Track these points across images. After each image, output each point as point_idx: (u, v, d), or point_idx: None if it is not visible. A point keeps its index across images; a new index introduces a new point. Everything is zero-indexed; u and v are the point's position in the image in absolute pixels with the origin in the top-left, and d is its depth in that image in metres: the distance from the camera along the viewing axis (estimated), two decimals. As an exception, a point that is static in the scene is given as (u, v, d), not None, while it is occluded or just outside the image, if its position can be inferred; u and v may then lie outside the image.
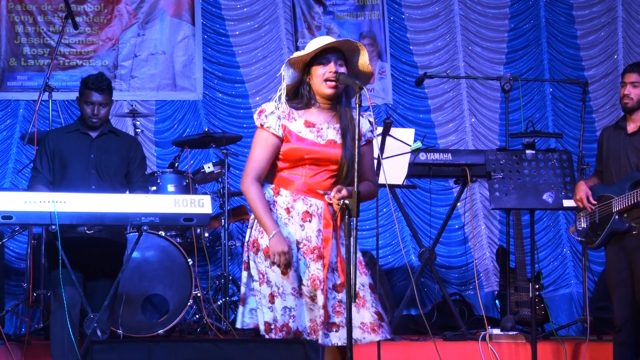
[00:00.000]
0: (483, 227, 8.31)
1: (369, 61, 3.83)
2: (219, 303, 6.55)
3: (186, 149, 7.06)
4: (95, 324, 4.62)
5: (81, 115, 5.09)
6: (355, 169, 3.54)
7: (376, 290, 3.83)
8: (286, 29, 8.35)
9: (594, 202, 5.18)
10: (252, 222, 3.83)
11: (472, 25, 8.56)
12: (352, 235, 3.51)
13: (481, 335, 5.79)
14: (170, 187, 6.46)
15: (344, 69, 3.75)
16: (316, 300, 3.69)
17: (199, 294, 6.27)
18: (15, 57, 7.97)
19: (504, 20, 8.62)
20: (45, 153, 5.02)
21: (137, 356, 3.49)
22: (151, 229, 5.98)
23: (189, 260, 6.11)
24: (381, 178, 4.88)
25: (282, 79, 3.80)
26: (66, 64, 8.02)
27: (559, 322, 7.60)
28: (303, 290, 3.71)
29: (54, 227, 4.28)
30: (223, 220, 6.72)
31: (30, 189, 4.97)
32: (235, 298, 6.84)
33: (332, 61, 3.73)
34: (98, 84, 5.00)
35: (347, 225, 3.53)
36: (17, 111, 7.94)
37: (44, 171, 5.00)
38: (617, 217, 5.05)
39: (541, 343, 5.79)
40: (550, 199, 5.57)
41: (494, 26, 8.60)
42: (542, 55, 8.61)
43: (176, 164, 6.86)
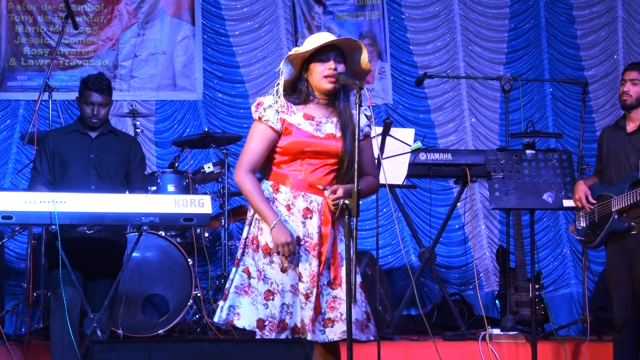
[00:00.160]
0: (483, 227, 8.31)
1: (368, 59, 3.84)
2: (219, 303, 6.54)
3: (186, 149, 7.06)
4: (95, 324, 4.61)
5: (81, 115, 5.09)
6: (355, 168, 3.54)
7: (367, 290, 3.84)
8: (286, 29, 8.34)
9: (593, 202, 5.18)
10: (251, 219, 3.82)
11: (472, 25, 8.55)
12: (352, 235, 3.51)
13: (481, 335, 5.79)
14: (170, 187, 6.46)
15: (342, 67, 3.77)
16: (310, 299, 3.69)
17: (199, 294, 6.27)
18: (15, 57, 7.97)
19: (504, 20, 8.62)
20: (45, 153, 5.01)
21: (137, 356, 3.49)
22: (151, 229, 5.98)
23: (189, 260, 6.11)
24: (381, 178, 4.88)
25: (280, 74, 3.81)
26: (66, 64, 8.02)
27: (559, 322, 7.60)
28: (299, 288, 3.70)
29: (54, 227, 4.28)
30: (223, 220, 6.71)
31: (30, 189, 4.96)
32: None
33: (331, 59, 3.74)
34: (98, 84, 4.99)
35: (347, 225, 3.52)
36: (17, 111, 7.93)
37: (43, 171, 4.99)
38: (616, 216, 5.05)
39: (541, 343, 5.79)
40: (550, 199, 5.57)
41: (494, 26, 8.60)
42: (542, 55, 8.61)
43: (176, 164, 6.86)
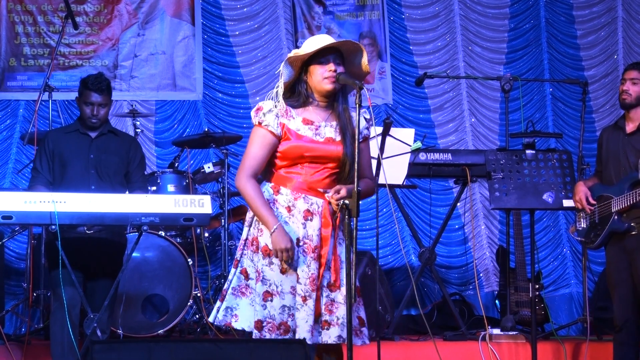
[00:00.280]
0: (483, 227, 8.31)
1: (367, 62, 3.84)
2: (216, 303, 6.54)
3: (186, 149, 7.06)
4: (95, 324, 4.61)
5: (80, 115, 5.09)
6: (355, 168, 3.54)
7: (360, 294, 3.82)
8: (286, 29, 8.34)
9: (593, 203, 5.18)
10: (250, 220, 3.82)
11: (472, 25, 8.55)
12: (352, 236, 3.51)
13: (481, 335, 5.79)
14: (170, 187, 6.46)
15: (341, 69, 3.77)
16: (307, 302, 3.68)
17: (199, 294, 6.27)
18: (15, 57, 7.97)
19: (504, 20, 8.62)
20: (45, 153, 5.01)
21: (137, 356, 3.48)
22: (151, 229, 5.98)
23: (189, 260, 6.11)
24: (381, 178, 4.88)
25: (280, 76, 3.81)
26: (66, 64, 8.02)
27: (559, 322, 7.60)
28: (297, 290, 3.70)
29: (54, 227, 4.28)
30: (223, 220, 6.71)
31: (30, 189, 4.96)
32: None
33: (330, 61, 3.75)
34: (97, 84, 4.99)
35: (347, 225, 3.53)
36: (17, 111, 7.93)
37: (43, 171, 4.99)
38: (616, 217, 5.04)
39: (541, 343, 5.79)
40: (550, 199, 5.57)
41: (494, 26, 8.60)
42: (542, 55, 8.61)
43: (176, 164, 6.86)
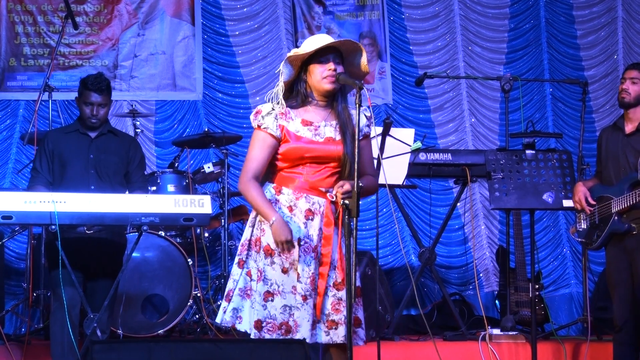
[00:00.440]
0: (483, 227, 8.31)
1: (367, 62, 3.84)
2: (218, 303, 6.54)
3: (186, 149, 7.06)
4: (95, 324, 4.61)
5: (80, 115, 5.09)
6: (355, 168, 3.55)
7: (361, 294, 3.81)
8: (286, 29, 8.35)
9: (593, 203, 5.18)
10: (253, 220, 3.82)
11: (472, 25, 8.55)
12: (352, 236, 3.51)
13: (481, 336, 5.79)
14: (170, 187, 6.46)
15: (340, 68, 3.78)
16: (308, 301, 3.68)
17: (198, 294, 6.27)
18: (15, 57, 7.97)
19: (504, 20, 8.62)
20: (45, 153, 5.01)
21: (137, 356, 3.48)
22: (151, 229, 5.98)
23: (189, 260, 6.11)
24: (381, 178, 4.88)
25: (280, 75, 3.82)
26: (66, 64, 8.02)
27: (559, 322, 7.60)
28: (298, 288, 3.69)
29: (53, 227, 4.28)
30: (223, 220, 6.71)
31: (30, 189, 4.95)
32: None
33: (330, 60, 3.75)
34: (97, 84, 4.99)
35: (347, 225, 3.53)
36: (17, 111, 7.93)
37: (43, 172, 4.99)
38: (616, 217, 5.04)
39: (541, 343, 5.79)
40: (550, 199, 5.57)
41: (493, 26, 8.60)
42: (542, 55, 8.61)
43: (176, 164, 6.86)
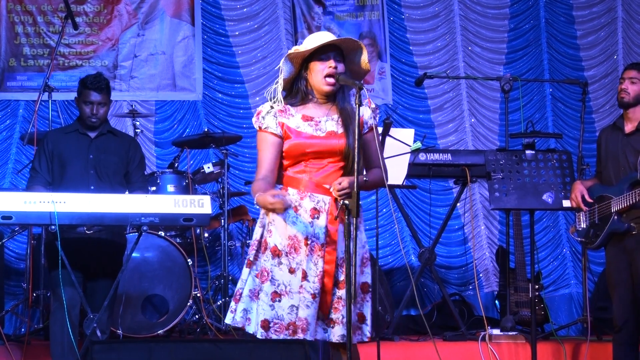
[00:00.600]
0: (483, 228, 8.31)
1: (368, 60, 3.84)
2: (218, 303, 6.55)
3: (186, 149, 7.06)
4: (95, 324, 4.62)
5: (80, 115, 5.09)
6: (355, 169, 3.54)
7: (369, 290, 3.81)
8: (286, 29, 8.35)
9: (590, 201, 5.18)
10: (263, 220, 3.82)
11: (471, 26, 8.56)
12: (352, 236, 3.51)
13: (481, 336, 5.79)
14: (170, 188, 6.46)
15: (341, 66, 3.77)
16: (317, 299, 3.68)
17: (198, 294, 6.27)
18: (15, 57, 7.97)
19: (504, 20, 8.62)
20: (44, 154, 5.01)
21: (137, 356, 3.49)
22: (151, 229, 5.98)
23: (189, 260, 6.11)
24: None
25: (280, 72, 3.81)
26: (66, 64, 8.02)
27: (558, 322, 7.60)
28: (306, 287, 3.68)
29: (53, 227, 4.28)
30: (223, 221, 6.71)
31: (29, 189, 4.95)
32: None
33: (331, 58, 3.75)
34: (97, 83, 4.99)
35: (347, 225, 3.53)
36: (17, 111, 7.93)
37: (42, 172, 4.99)
38: (616, 217, 5.05)
39: (541, 343, 5.79)
40: (550, 199, 5.57)
41: (493, 26, 8.60)
42: (542, 55, 8.62)
43: (176, 164, 6.86)
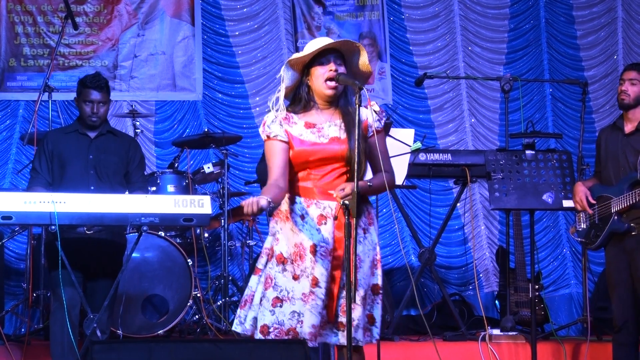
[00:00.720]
0: (483, 228, 8.31)
1: (368, 61, 3.83)
2: (218, 303, 6.55)
3: (186, 149, 7.06)
4: (95, 324, 4.62)
5: (80, 115, 5.09)
6: (355, 169, 3.54)
7: (380, 292, 3.80)
8: (286, 29, 8.35)
9: (593, 203, 5.18)
10: (272, 230, 3.82)
11: (471, 26, 8.56)
12: (351, 236, 3.51)
13: (481, 336, 5.79)
14: (170, 188, 6.46)
15: (342, 69, 3.75)
16: (327, 303, 3.68)
17: (198, 295, 6.27)
18: (15, 57, 7.97)
19: (504, 20, 8.62)
20: (44, 154, 5.01)
21: (137, 356, 3.48)
22: (151, 230, 5.98)
23: (189, 260, 6.11)
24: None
25: (282, 80, 3.80)
26: (66, 64, 8.02)
27: (558, 322, 7.60)
28: (317, 293, 3.66)
29: (53, 227, 4.28)
30: (223, 221, 6.71)
31: (29, 190, 4.95)
32: (235, 298, 6.83)
33: (331, 61, 3.73)
34: (96, 82, 5.00)
35: (347, 225, 3.53)
36: (17, 111, 7.94)
37: (42, 172, 4.99)
38: (616, 217, 5.04)
39: (541, 343, 5.79)
40: (550, 200, 5.57)
41: (493, 26, 8.60)
42: (542, 55, 8.62)
43: (176, 165, 6.86)
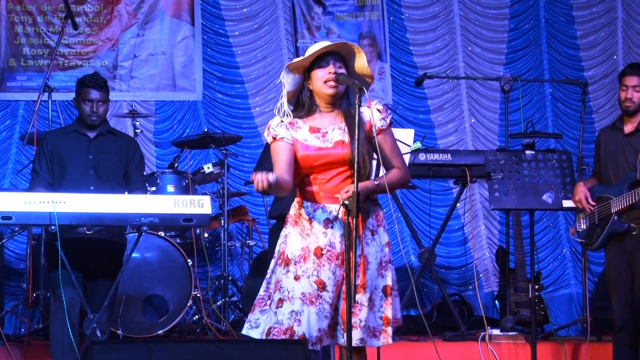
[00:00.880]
0: (483, 228, 8.31)
1: (367, 63, 3.83)
2: (218, 303, 6.55)
3: (186, 149, 7.06)
4: (95, 325, 4.62)
5: (79, 115, 5.09)
6: (355, 169, 3.55)
7: (391, 292, 3.78)
8: (286, 30, 8.34)
9: (593, 203, 5.18)
10: (283, 233, 3.82)
11: (471, 26, 8.56)
12: (351, 236, 3.51)
13: (481, 336, 5.79)
14: (170, 188, 6.46)
15: (343, 71, 3.75)
16: (334, 307, 3.67)
17: (198, 295, 6.27)
18: (15, 57, 7.97)
19: (504, 20, 8.62)
20: (44, 154, 5.01)
21: (137, 356, 3.48)
22: (151, 230, 5.98)
23: (189, 260, 6.11)
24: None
25: (283, 86, 3.80)
26: (66, 65, 8.02)
27: (558, 322, 7.60)
28: (325, 297, 3.66)
29: (53, 227, 4.28)
30: (223, 221, 6.71)
31: (30, 191, 4.95)
32: (235, 298, 6.84)
33: (330, 63, 3.74)
34: (95, 81, 5.00)
35: (347, 225, 3.53)
36: (17, 112, 7.93)
37: (43, 173, 4.99)
38: (616, 217, 5.05)
39: (541, 343, 5.79)
40: (549, 200, 5.57)
41: (493, 27, 8.60)
42: (542, 55, 8.61)
43: (176, 165, 6.86)
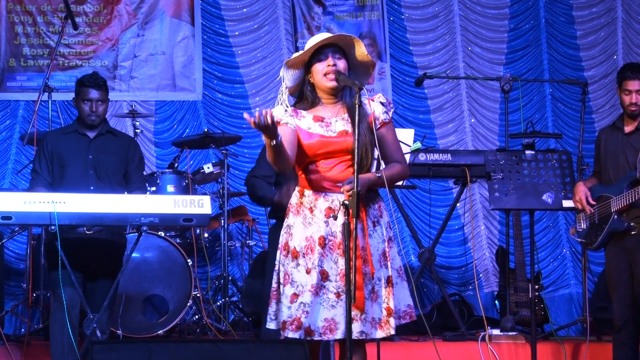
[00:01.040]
0: (483, 228, 8.31)
1: (366, 51, 3.84)
2: (218, 303, 6.55)
3: (186, 149, 7.06)
4: (95, 325, 4.62)
5: (79, 115, 5.09)
6: (355, 168, 3.55)
7: (395, 283, 3.78)
8: (286, 30, 8.34)
9: (593, 203, 5.18)
10: (285, 224, 3.82)
11: (471, 26, 8.55)
12: (351, 236, 3.51)
13: (481, 336, 5.79)
14: (170, 188, 6.46)
15: (342, 62, 3.78)
16: (342, 297, 3.67)
17: (198, 295, 6.27)
18: (15, 57, 7.97)
19: (504, 20, 8.62)
20: (44, 155, 5.02)
21: (137, 356, 3.49)
22: (151, 230, 5.98)
23: (189, 260, 6.11)
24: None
25: (282, 81, 3.82)
26: (66, 65, 8.02)
27: (558, 322, 7.59)
28: (329, 287, 3.68)
29: (53, 227, 4.28)
30: (223, 221, 6.71)
31: (31, 191, 4.95)
32: (234, 299, 6.84)
33: (329, 56, 3.76)
34: (94, 80, 5.01)
35: (346, 225, 3.53)
36: (17, 112, 7.93)
37: (43, 173, 4.99)
38: (616, 217, 5.05)
39: (541, 343, 5.79)
40: (549, 200, 5.57)
41: (493, 27, 8.60)
42: (542, 55, 8.61)
43: (176, 165, 6.86)
